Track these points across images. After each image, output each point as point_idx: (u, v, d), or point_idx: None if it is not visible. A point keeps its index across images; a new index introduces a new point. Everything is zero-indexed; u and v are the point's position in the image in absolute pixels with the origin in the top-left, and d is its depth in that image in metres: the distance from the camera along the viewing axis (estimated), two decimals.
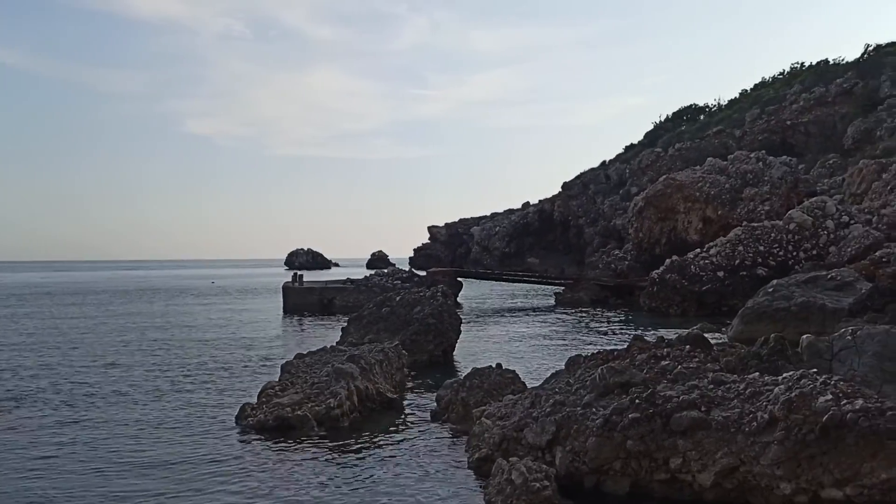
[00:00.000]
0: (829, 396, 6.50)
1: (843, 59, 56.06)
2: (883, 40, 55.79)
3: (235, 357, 17.32)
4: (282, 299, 32.81)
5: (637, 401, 7.29)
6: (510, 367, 11.56)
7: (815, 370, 7.41)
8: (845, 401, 6.44)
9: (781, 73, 62.12)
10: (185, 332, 23.34)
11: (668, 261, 29.79)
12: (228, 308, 34.38)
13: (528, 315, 29.61)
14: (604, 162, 65.41)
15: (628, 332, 21.99)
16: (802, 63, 60.55)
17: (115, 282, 68.90)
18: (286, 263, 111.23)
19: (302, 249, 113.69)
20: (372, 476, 8.02)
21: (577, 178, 62.90)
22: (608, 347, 10.49)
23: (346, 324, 18.01)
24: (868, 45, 54.91)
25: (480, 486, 7.48)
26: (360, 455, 8.87)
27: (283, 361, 12.54)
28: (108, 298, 42.45)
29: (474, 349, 18.52)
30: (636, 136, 70.02)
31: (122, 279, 76.92)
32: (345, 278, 35.55)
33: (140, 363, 16.39)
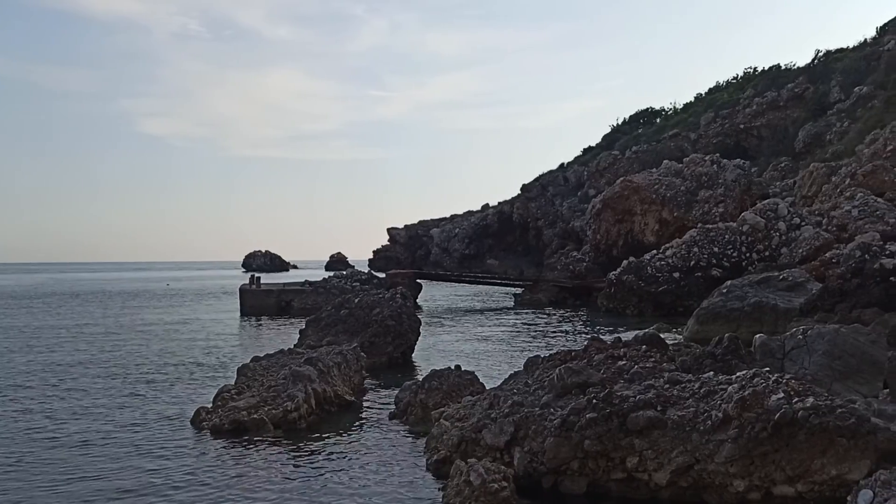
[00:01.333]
0: (781, 395, 6.62)
1: (794, 65, 57.36)
2: (832, 46, 57.29)
3: (191, 361, 17.04)
4: (239, 302, 32.39)
5: (594, 401, 7.34)
6: (469, 369, 11.57)
7: (767, 369, 7.54)
8: (797, 399, 6.56)
9: (735, 78, 63.29)
10: (139, 335, 22.91)
11: (625, 262, 30.14)
12: (184, 311, 33.85)
13: (487, 316, 29.69)
14: (562, 164, 66.01)
15: (586, 332, 22.18)
16: (755, 68, 61.79)
17: (66, 284, 67.37)
18: (243, 265, 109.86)
19: (259, 251, 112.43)
20: (329, 479, 7.95)
21: (536, 180, 63.31)
22: (566, 348, 10.56)
23: (303, 326, 17.85)
24: (818, 51, 56.32)
25: (439, 488, 7.46)
26: (318, 458, 8.78)
27: (240, 365, 12.36)
28: (58, 302, 41.49)
29: (433, 351, 18.50)
30: (594, 139, 70.80)
31: (73, 282, 75.27)
32: (303, 280, 35.27)
33: (92, 368, 16.03)
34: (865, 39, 54.48)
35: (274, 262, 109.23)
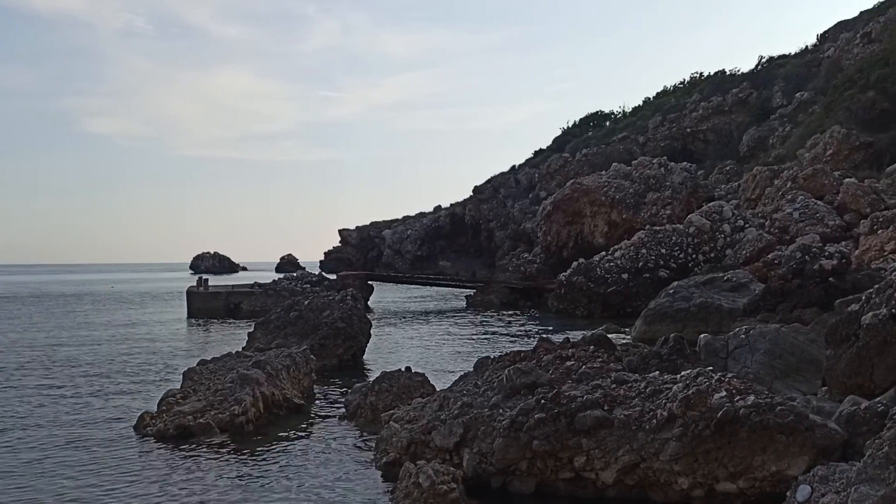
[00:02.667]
0: (724, 393, 6.75)
1: (738, 70, 58.71)
2: (775, 53, 58.78)
3: (135, 365, 16.67)
4: (186, 304, 31.83)
5: (542, 401, 7.39)
6: (420, 371, 11.55)
7: (711, 368, 7.69)
8: (738, 397, 6.70)
9: (682, 83, 64.52)
10: (81, 339, 22.33)
11: (574, 263, 30.46)
12: (129, 314, 33.13)
13: (439, 318, 29.71)
14: (514, 166, 66.42)
15: (536, 333, 22.34)
16: (701, 73, 63.07)
17: (3, 287, 65.38)
18: (191, 267, 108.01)
19: (208, 253, 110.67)
20: (277, 483, 7.86)
21: (488, 181, 63.62)
22: (516, 349, 10.62)
23: (252, 329, 17.62)
24: (762, 57, 57.76)
25: (388, 490, 7.43)
26: (266, 462, 8.67)
27: (186, 368, 12.14)
28: None
29: (384, 353, 18.44)
30: (544, 141, 71.41)
31: (10, 284, 73.08)
32: (252, 282, 34.80)
33: (31, 373, 15.57)
34: (807, 46, 56.11)
35: (223, 264, 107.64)
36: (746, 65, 69.75)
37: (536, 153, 68.27)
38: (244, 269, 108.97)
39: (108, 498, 7.42)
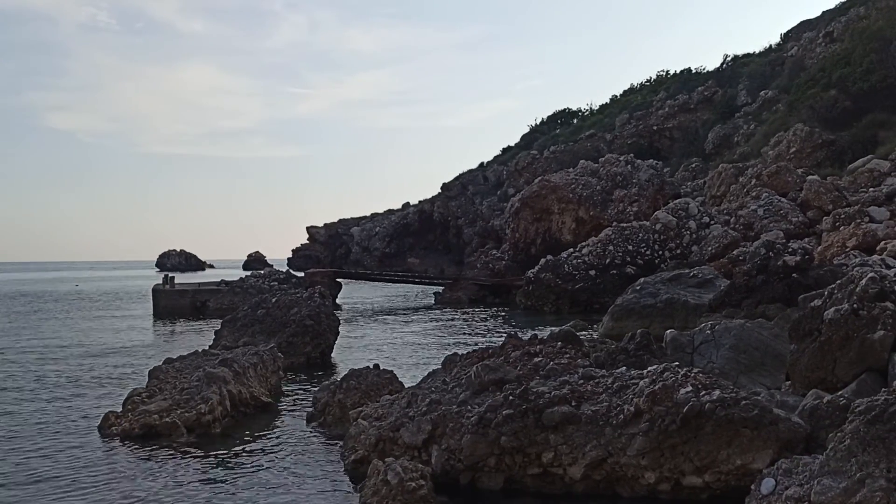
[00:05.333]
0: (690, 388, 6.83)
1: (704, 69, 59.43)
2: (740, 51, 59.62)
3: (100, 365, 16.40)
4: (151, 302, 31.41)
5: (510, 397, 7.41)
6: (388, 368, 11.50)
7: (677, 363, 7.77)
8: (704, 392, 6.78)
9: (648, 81, 65.13)
10: (43, 339, 21.92)
11: (542, 260, 30.63)
12: (93, 313, 32.59)
13: (407, 315, 29.67)
14: (482, 163, 66.59)
15: (504, 330, 22.40)
16: (668, 71, 63.76)
17: None
18: (157, 265, 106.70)
19: (174, 251, 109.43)
20: (245, 482, 7.78)
21: (457, 178, 63.68)
22: (484, 346, 10.63)
23: (219, 327, 17.43)
24: (727, 56, 58.55)
25: (356, 488, 7.39)
26: (233, 461, 8.58)
27: (152, 367, 11.96)
28: None
29: (353, 350, 18.36)
30: (513, 139, 71.66)
31: None
32: (219, 280, 34.44)
33: None
34: (770, 45, 57.03)
35: (189, 262, 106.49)
36: (712, 63, 70.65)
37: (505, 150, 68.50)
38: (211, 266, 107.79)
39: (71, 499, 7.29)
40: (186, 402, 10.06)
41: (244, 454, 8.89)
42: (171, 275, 35.53)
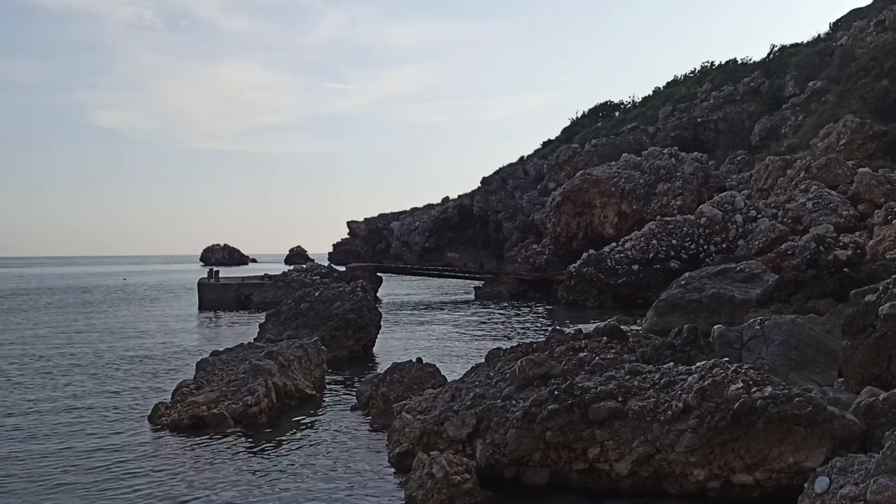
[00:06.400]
0: (740, 384, 6.69)
1: (750, 59, 58.32)
2: (787, 41, 58.35)
3: (149, 356, 16.73)
4: (197, 296, 31.93)
5: (556, 392, 7.35)
6: (430, 362, 11.52)
7: (726, 359, 7.62)
8: (755, 388, 6.64)
9: (693, 72, 64.09)
10: (95, 331, 22.43)
11: (584, 255, 30.38)
12: (141, 305, 33.26)
13: (447, 310, 29.69)
14: (522, 157, 66.22)
15: (547, 325, 22.29)
16: (712, 62, 62.64)
17: (15, 280, 65.77)
18: (202, 259, 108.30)
19: (218, 245, 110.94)
20: (291, 473, 7.85)
21: (496, 173, 63.45)
22: (527, 340, 10.57)
23: (263, 320, 17.63)
24: (773, 46, 57.39)
25: (401, 481, 7.41)
26: (279, 452, 8.68)
27: (199, 359, 12.16)
28: (9, 296, 40.44)
29: (394, 344, 18.42)
30: (553, 132, 71.13)
31: (22, 277, 73.49)
32: (262, 274, 34.87)
33: (46, 365, 15.64)
34: (819, 35, 55.68)
35: (233, 256, 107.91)
36: (758, 54, 69.38)
37: (545, 144, 68.03)
38: (254, 260, 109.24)
39: (123, 488, 7.44)
40: (233, 393, 10.19)
41: (290, 445, 8.98)
42: (215, 269, 36.06)
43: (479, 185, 62.88)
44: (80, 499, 7.16)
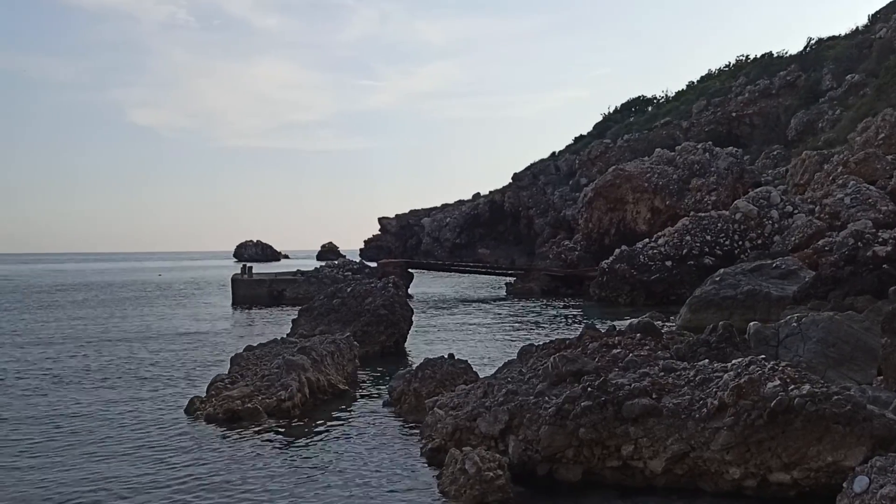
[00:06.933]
0: (777, 382, 6.60)
1: (786, 53, 57.36)
2: (824, 34, 57.33)
3: (183, 350, 16.97)
4: (231, 291, 32.29)
5: (589, 389, 7.31)
6: (462, 358, 11.53)
7: (763, 356, 7.52)
8: (793, 386, 6.55)
9: (727, 66, 63.20)
10: (131, 325, 22.80)
11: (617, 251, 30.16)
12: (176, 300, 33.72)
13: (479, 306, 29.68)
14: (553, 153, 65.87)
15: (579, 321, 22.19)
16: (747, 56, 61.73)
17: (54, 276, 67.07)
18: (235, 255, 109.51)
19: (251, 241, 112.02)
20: (324, 467, 7.91)
21: (528, 169, 63.20)
22: (559, 337, 10.53)
23: (296, 315, 17.77)
24: (810, 39, 56.37)
25: (434, 476, 7.43)
26: (312, 446, 8.75)
27: (233, 354, 12.30)
28: (47, 292, 41.25)
29: (426, 340, 18.47)
30: (584, 128, 70.72)
31: (61, 273, 74.92)
32: (295, 270, 35.15)
33: (85, 358, 15.93)
34: (857, 27, 54.58)
35: (265, 252, 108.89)
36: (794, 47, 68.17)
37: (577, 139, 67.59)
38: (286, 256, 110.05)
39: (160, 479, 7.55)
40: (267, 388, 10.29)
41: (324, 440, 9.05)
42: (249, 265, 36.45)
43: (511, 180, 62.67)
44: (121, 490, 7.28)
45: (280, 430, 9.36)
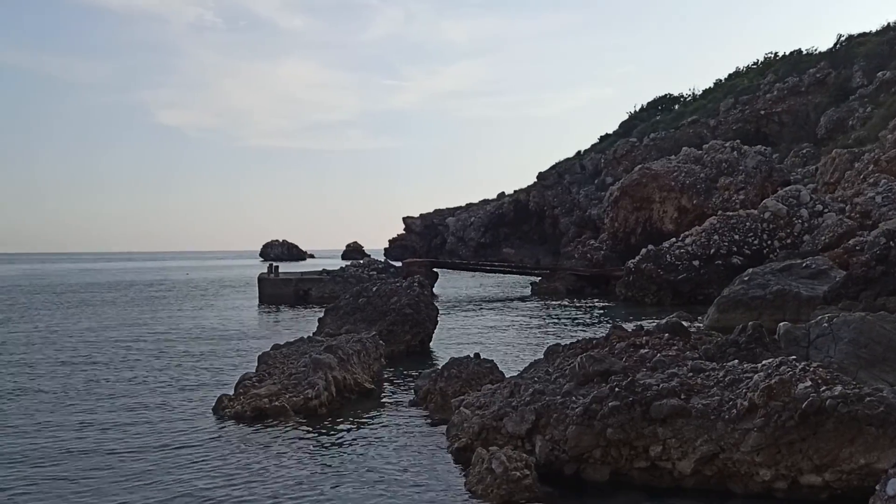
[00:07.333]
0: (809, 383, 6.52)
1: (816, 49, 56.64)
2: (855, 31, 56.46)
3: (211, 348, 17.13)
4: (257, 290, 32.55)
5: (617, 389, 7.27)
6: (488, 357, 11.52)
7: (794, 357, 7.43)
8: (824, 387, 6.47)
9: (755, 63, 62.58)
10: (159, 324, 23.06)
11: (643, 250, 29.95)
12: (204, 299, 34.05)
13: (504, 305, 29.63)
14: (579, 152, 65.62)
15: (605, 321, 22.08)
16: (776, 53, 61.06)
17: (83, 275, 68.01)
18: (261, 255, 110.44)
19: (277, 241, 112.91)
20: (351, 465, 7.94)
21: (553, 168, 63.01)
22: (585, 336, 10.48)
23: (322, 314, 17.87)
24: (840, 36, 55.55)
25: (461, 475, 7.44)
26: (339, 444, 8.79)
27: (260, 352, 12.39)
28: (77, 291, 41.86)
29: (451, 339, 18.47)
30: (610, 126, 70.26)
31: (88, 272, 75.96)
32: (320, 269, 35.34)
33: (112, 356, 16.14)
34: (888, 23, 53.67)
35: (291, 252, 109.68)
36: (824, 43, 67.29)
37: (602, 138, 67.26)
38: (311, 256, 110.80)
39: (189, 476, 7.62)
40: (294, 386, 10.36)
41: (350, 438, 9.08)
42: (275, 264, 36.69)
43: (535, 180, 62.52)
44: (148, 488, 7.36)
45: (307, 428, 9.41)
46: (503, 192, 70.64)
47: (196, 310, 28.24)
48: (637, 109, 70.18)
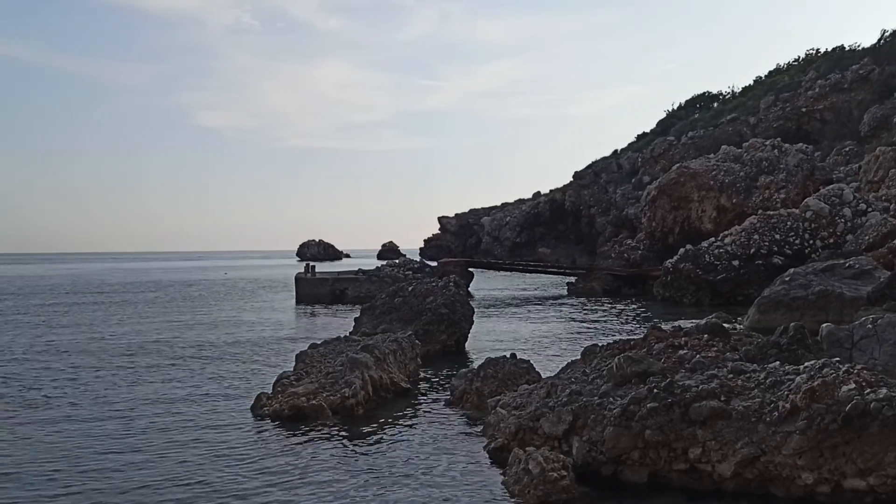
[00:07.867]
0: (853, 385, 6.40)
1: (859, 45, 55.40)
2: None
3: (249, 347, 17.33)
4: (294, 290, 32.87)
5: (655, 390, 7.20)
6: (524, 357, 11.49)
7: (837, 359, 7.30)
8: (869, 390, 6.34)
9: (796, 60, 61.46)
10: (198, 323, 23.39)
11: (681, 250, 29.61)
12: (242, 299, 34.46)
13: (540, 305, 29.51)
14: (615, 151, 65.05)
15: (642, 321, 21.88)
16: (817, 49, 59.88)
17: (124, 274, 69.24)
18: (298, 255, 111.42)
19: (313, 241, 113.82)
20: (389, 464, 7.98)
21: (589, 167, 62.55)
22: (623, 337, 10.39)
23: (358, 314, 17.97)
24: (884, 31, 54.24)
25: (497, 475, 7.43)
26: (376, 443, 8.84)
27: (297, 351, 12.51)
28: (119, 291, 42.62)
29: (487, 339, 18.45)
30: (645, 125, 69.69)
31: (131, 271, 77.30)
32: (356, 269, 35.55)
33: (153, 355, 16.42)
34: None
35: (327, 252, 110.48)
36: (868, 39, 65.83)
37: (639, 137, 66.59)
38: (347, 256, 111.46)
39: (228, 472, 7.73)
40: (331, 385, 10.43)
41: (387, 437, 9.13)
42: (312, 264, 37.01)
43: (571, 179, 62.13)
44: (186, 485, 7.48)
45: (344, 427, 9.47)
46: (539, 192, 70.35)
47: (234, 309, 28.59)
48: (675, 107, 69.37)
